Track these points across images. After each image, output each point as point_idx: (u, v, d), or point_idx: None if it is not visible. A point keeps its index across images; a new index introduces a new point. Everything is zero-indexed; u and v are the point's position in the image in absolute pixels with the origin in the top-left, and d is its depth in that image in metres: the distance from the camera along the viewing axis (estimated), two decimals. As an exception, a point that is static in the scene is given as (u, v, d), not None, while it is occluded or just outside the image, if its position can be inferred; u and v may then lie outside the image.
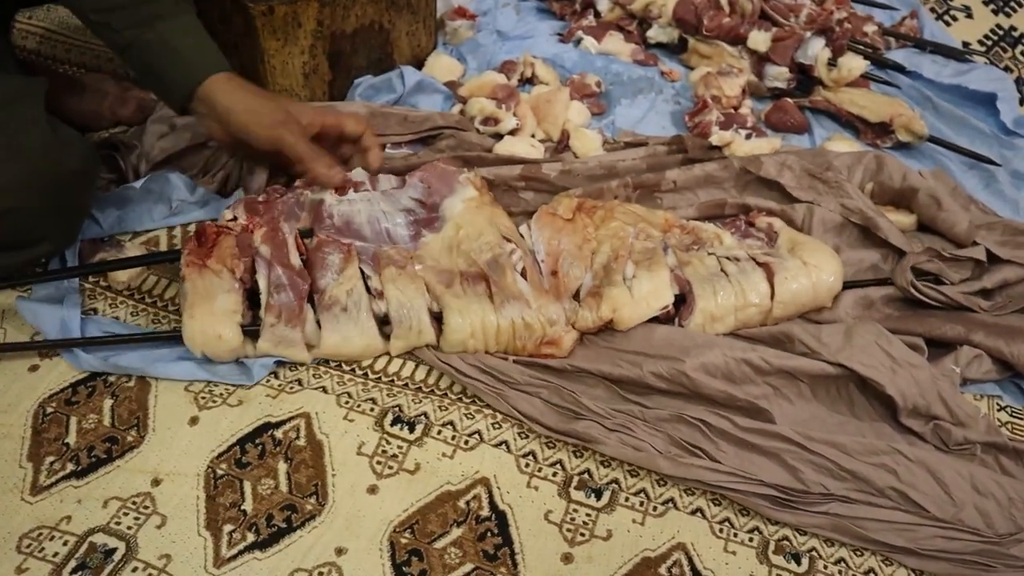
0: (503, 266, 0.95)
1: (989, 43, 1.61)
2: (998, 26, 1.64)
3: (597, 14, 1.50)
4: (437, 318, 0.94)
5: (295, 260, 0.94)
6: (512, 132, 1.23)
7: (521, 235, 1.01)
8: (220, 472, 0.84)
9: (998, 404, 0.99)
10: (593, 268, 1.00)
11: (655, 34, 1.46)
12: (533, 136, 1.25)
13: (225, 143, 1.00)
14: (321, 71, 1.22)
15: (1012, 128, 1.35)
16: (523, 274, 0.96)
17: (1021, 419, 0.98)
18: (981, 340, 0.99)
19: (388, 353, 0.95)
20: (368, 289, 0.93)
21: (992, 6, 1.68)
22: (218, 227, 0.95)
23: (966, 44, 1.59)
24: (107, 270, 1.00)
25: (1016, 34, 1.62)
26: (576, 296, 0.98)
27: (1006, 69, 1.53)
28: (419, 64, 1.36)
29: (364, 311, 0.92)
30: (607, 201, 1.10)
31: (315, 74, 1.22)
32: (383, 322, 0.93)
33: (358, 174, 1.04)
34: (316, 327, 0.92)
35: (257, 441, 0.87)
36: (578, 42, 1.45)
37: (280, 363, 0.93)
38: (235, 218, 0.97)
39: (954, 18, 1.67)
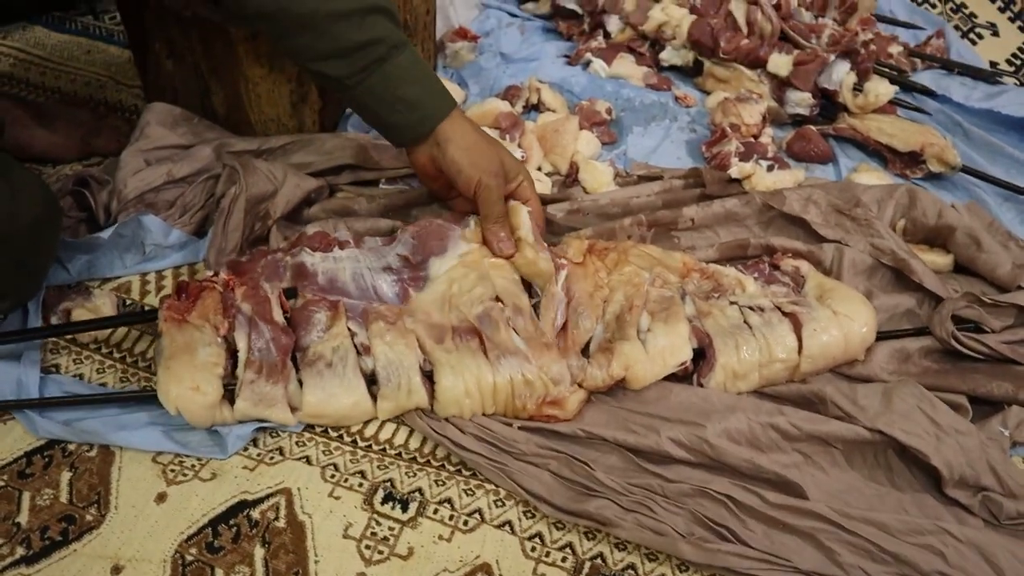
0: (496, 320, 0.87)
1: (1018, 62, 1.54)
2: (1027, 44, 1.56)
3: (607, 35, 1.42)
4: (430, 378, 0.85)
5: (278, 317, 0.86)
6: (516, 164, 1.15)
7: (524, 289, 0.92)
8: (189, 558, 0.75)
9: (1050, 469, 0.90)
10: (605, 319, 0.91)
11: (669, 56, 1.38)
12: (540, 169, 1.18)
13: (426, 174, 0.98)
14: (311, 100, 1.14)
15: (1049, 156, 1.27)
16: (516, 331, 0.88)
17: (1076, 487, 0.89)
18: (1032, 400, 0.90)
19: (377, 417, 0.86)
20: (356, 347, 0.85)
21: (1019, 23, 1.62)
22: (200, 283, 0.88)
23: (994, 64, 1.52)
24: (74, 332, 0.91)
25: (1047, 53, 1.54)
26: (585, 351, 0.90)
27: (1036, 90, 1.45)
28: (416, 90, 1.28)
29: (351, 367, 0.84)
30: (620, 242, 1.01)
31: (304, 103, 1.13)
32: (371, 381, 0.85)
33: (342, 233, 0.98)
34: (299, 388, 0.83)
35: (231, 522, 0.78)
36: (587, 65, 1.38)
37: (260, 429, 0.84)
38: (216, 274, 0.89)
39: (980, 36, 1.60)
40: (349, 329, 0.86)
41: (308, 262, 0.91)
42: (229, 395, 0.83)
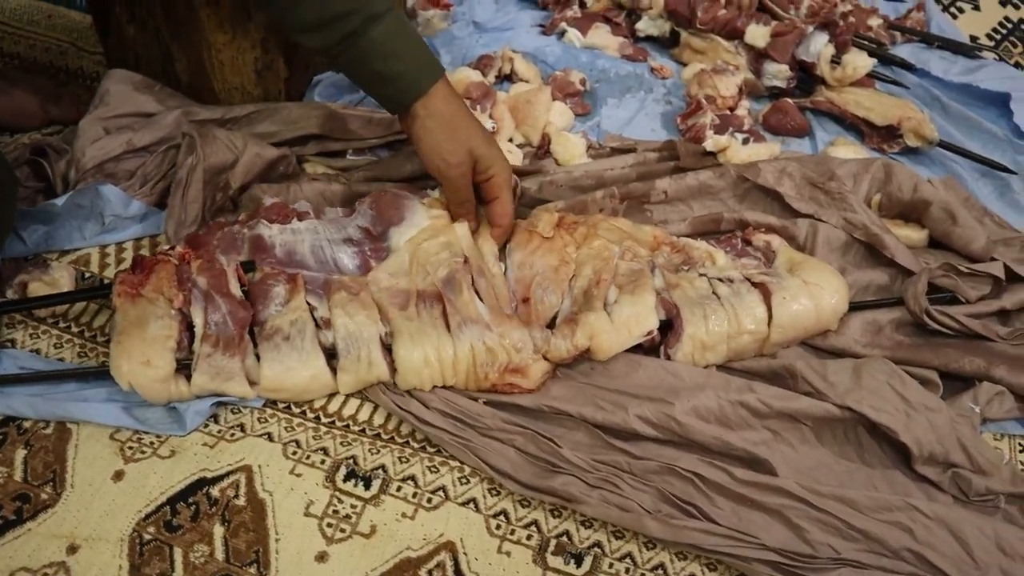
0: (459, 282, 0.85)
1: (998, 37, 1.52)
2: (1007, 19, 1.56)
3: (582, 4, 1.40)
4: (391, 351, 0.83)
5: (235, 290, 0.84)
6: (488, 136, 1.12)
7: (483, 255, 0.91)
8: (147, 537, 0.74)
9: (1020, 445, 0.90)
10: (573, 293, 0.90)
11: (645, 27, 1.36)
12: (511, 140, 1.15)
13: None
14: (276, 67, 1.11)
15: (1026, 132, 1.26)
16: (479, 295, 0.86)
17: (1045, 462, 0.89)
18: (1003, 375, 0.89)
19: (337, 392, 0.84)
20: (315, 320, 0.83)
21: (1000, -3, 1.59)
22: (155, 257, 0.86)
23: (974, 38, 1.50)
24: (29, 308, 0.89)
25: (1026, 27, 1.53)
26: (551, 325, 0.88)
27: (1016, 65, 1.45)
28: (387, 58, 1.25)
29: (308, 340, 0.82)
30: (590, 215, 0.99)
31: (269, 70, 1.10)
32: (331, 355, 0.83)
33: (302, 204, 0.95)
34: (257, 362, 0.82)
35: (190, 500, 0.76)
36: (561, 34, 1.35)
37: (220, 404, 0.82)
38: (172, 247, 0.87)
39: (960, 10, 1.58)
40: (308, 303, 0.84)
41: (266, 234, 0.89)
42: (186, 371, 0.81)
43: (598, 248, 0.93)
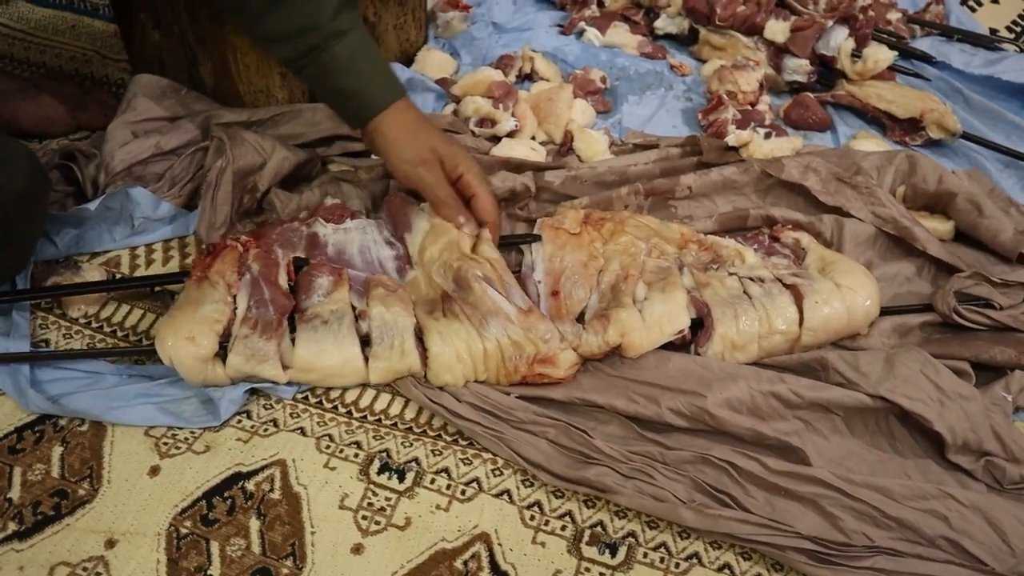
0: (466, 280, 0.85)
1: (1018, 29, 1.52)
2: (1026, 11, 1.55)
3: (601, 3, 1.41)
4: (423, 344, 0.84)
5: (282, 281, 0.86)
6: (511, 134, 1.14)
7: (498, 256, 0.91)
8: (184, 531, 0.74)
9: (1052, 433, 0.89)
10: (600, 289, 0.90)
11: (663, 24, 1.36)
12: (533, 138, 1.16)
13: None
14: (300, 69, 1.11)
15: (1050, 123, 1.25)
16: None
17: (1078, 450, 0.88)
18: (1034, 365, 0.89)
19: (369, 383, 0.85)
20: (354, 311, 0.85)
21: (1019, -10, 1.59)
22: (224, 243, 0.89)
23: (993, 31, 1.50)
24: (107, 289, 0.91)
25: (1047, 20, 1.53)
26: (580, 320, 0.88)
27: (1036, 57, 1.44)
28: (408, 60, 1.27)
29: (346, 326, 0.83)
30: (616, 212, 1.00)
31: (293, 73, 1.11)
32: (365, 343, 0.84)
33: (354, 203, 0.97)
34: (292, 346, 0.83)
35: (226, 494, 0.77)
36: (580, 34, 1.36)
37: (254, 393, 0.84)
38: (238, 237, 0.90)
39: (979, 3, 1.59)
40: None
41: (321, 233, 0.92)
42: (225, 354, 0.82)
43: (625, 244, 0.94)
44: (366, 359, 0.83)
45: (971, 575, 0.74)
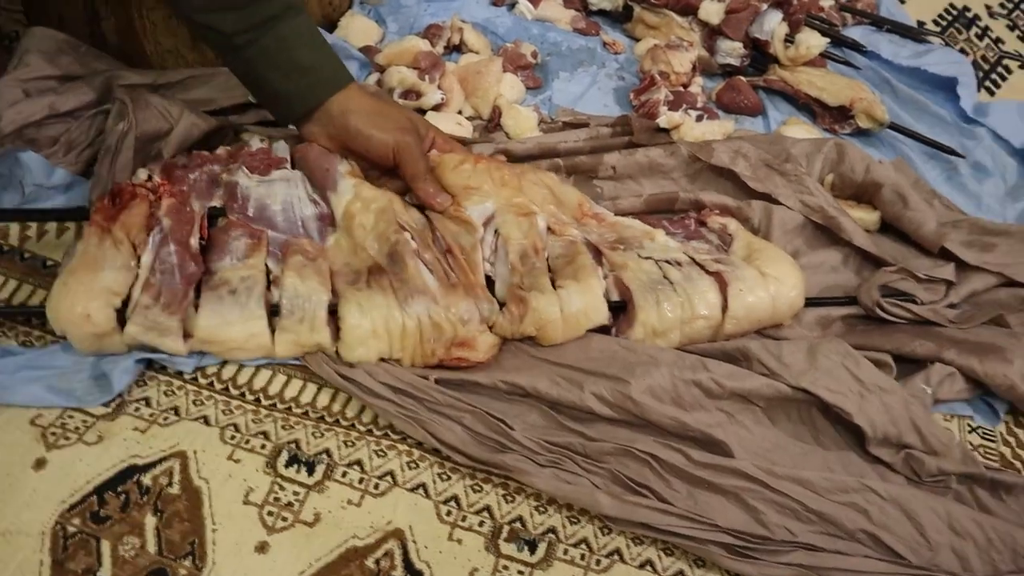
0: (402, 255, 0.82)
1: (944, 23, 1.53)
2: (952, 6, 1.57)
3: (534, -25, 1.35)
4: (335, 318, 0.80)
5: (195, 241, 0.81)
6: (436, 107, 1.09)
7: (428, 221, 0.88)
8: (72, 529, 0.69)
9: (968, 425, 0.91)
10: (509, 260, 0.86)
11: (598, 0, 1.32)
12: (460, 112, 1.11)
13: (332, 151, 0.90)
14: (213, 30, 1.04)
15: (972, 116, 1.27)
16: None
17: (993, 442, 0.90)
18: (953, 358, 0.90)
19: (275, 356, 0.80)
20: (268, 280, 0.80)
21: (947, -18, 1.60)
22: (133, 187, 0.82)
23: (921, 23, 1.51)
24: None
25: (970, 15, 1.55)
26: (491, 287, 0.86)
27: (961, 51, 1.46)
28: (331, 26, 1.21)
29: (255, 298, 0.78)
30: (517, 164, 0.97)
31: (205, 34, 1.04)
32: (274, 313, 0.79)
33: (281, 149, 0.91)
34: (195, 313, 0.78)
35: (120, 489, 0.71)
36: (512, 6, 1.31)
37: (152, 376, 0.78)
38: (150, 178, 0.83)
39: (909, -6, 1.59)
40: (266, 265, 0.81)
41: (242, 183, 0.86)
42: (123, 317, 0.76)
43: (520, 205, 0.90)
44: (274, 330, 0.79)
45: (885, 567, 0.75)
